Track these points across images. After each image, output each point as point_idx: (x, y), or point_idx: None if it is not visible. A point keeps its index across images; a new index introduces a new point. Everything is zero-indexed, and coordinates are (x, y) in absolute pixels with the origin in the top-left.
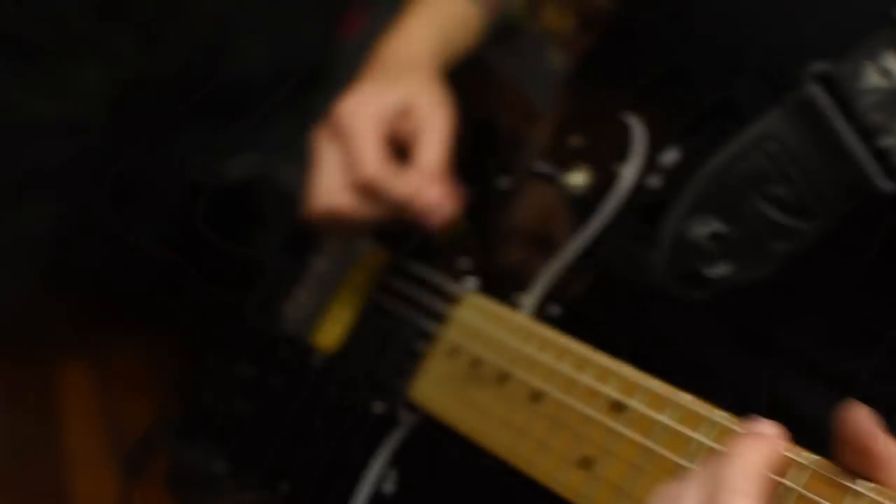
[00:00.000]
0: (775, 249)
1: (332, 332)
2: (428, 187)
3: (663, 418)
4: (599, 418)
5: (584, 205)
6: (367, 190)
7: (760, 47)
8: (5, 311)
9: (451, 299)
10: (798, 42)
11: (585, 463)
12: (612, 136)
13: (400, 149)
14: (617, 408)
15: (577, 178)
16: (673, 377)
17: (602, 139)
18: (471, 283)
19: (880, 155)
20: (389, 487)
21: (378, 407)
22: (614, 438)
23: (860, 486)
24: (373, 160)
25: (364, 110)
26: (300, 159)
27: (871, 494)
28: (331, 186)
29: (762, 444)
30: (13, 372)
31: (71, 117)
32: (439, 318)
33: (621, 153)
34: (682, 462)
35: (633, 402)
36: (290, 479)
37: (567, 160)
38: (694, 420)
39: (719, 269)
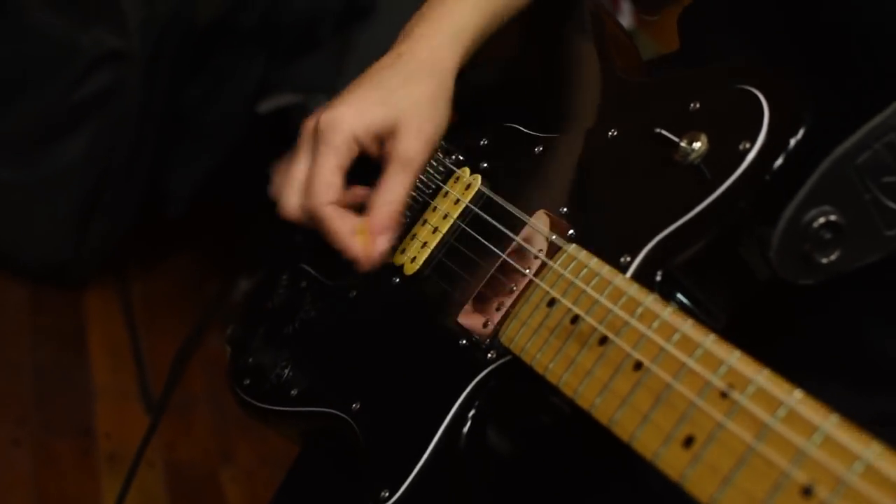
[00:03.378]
0: (886, 237)
1: (413, 254)
2: (360, 241)
3: (770, 420)
4: (707, 406)
5: (703, 174)
6: (310, 216)
7: (886, 39)
8: (44, 242)
9: (552, 248)
10: None
11: (689, 442)
12: (737, 111)
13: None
14: (726, 394)
15: (698, 145)
16: (772, 360)
17: (726, 111)
18: (573, 233)
19: None
20: (466, 427)
21: (464, 341)
22: (720, 429)
23: None
24: (325, 190)
25: (344, 127)
26: (336, 91)
27: None
28: (290, 197)
29: None
30: (43, 302)
31: (109, 48)
32: (537, 264)
33: (749, 129)
34: (788, 468)
35: (742, 398)
36: (360, 397)
37: (687, 126)
38: (804, 427)
39: (831, 256)
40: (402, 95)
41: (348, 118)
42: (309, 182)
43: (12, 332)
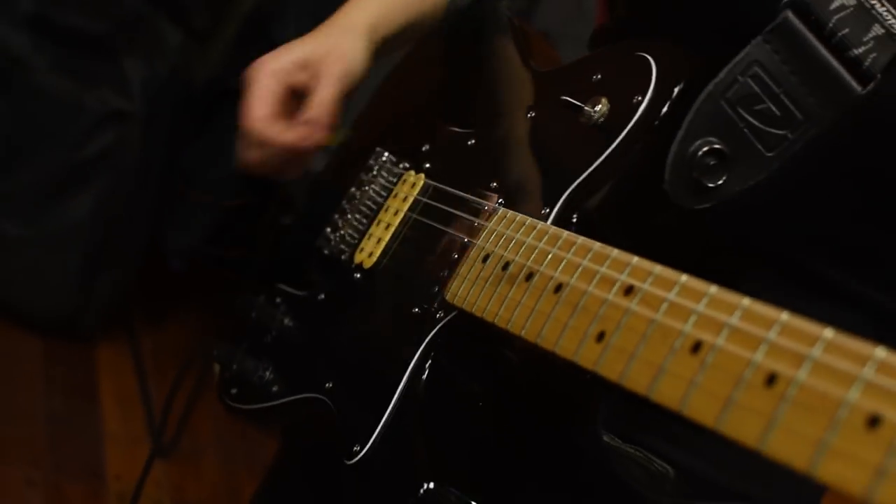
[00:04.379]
0: (766, 157)
1: (371, 250)
2: (302, 136)
3: (669, 295)
4: (615, 301)
5: (605, 129)
6: (253, 139)
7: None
8: (52, 295)
9: (485, 215)
10: None
11: (601, 336)
12: (631, 73)
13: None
14: (630, 291)
15: (600, 108)
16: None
17: (623, 77)
18: (502, 200)
19: (852, 63)
20: (424, 375)
21: (415, 309)
22: (627, 315)
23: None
24: (257, 114)
25: (265, 68)
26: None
27: None
28: (242, 144)
29: None
30: (56, 353)
31: (113, 107)
32: (473, 231)
33: (641, 85)
34: (682, 327)
35: (644, 286)
36: (331, 377)
37: (591, 94)
38: (694, 295)
39: (718, 180)
40: (322, 37)
41: (268, 59)
42: (245, 112)
43: (27, 381)
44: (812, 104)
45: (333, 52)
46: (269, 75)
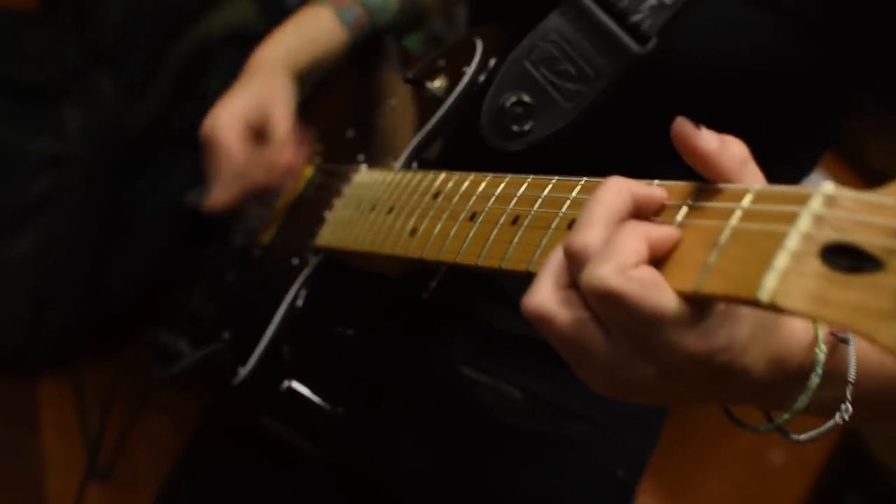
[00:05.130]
0: (567, 108)
1: (268, 230)
2: (281, 157)
3: (461, 189)
4: (427, 203)
5: (440, 98)
6: (239, 177)
7: None
8: None
9: (349, 176)
10: None
11: (414, 231)
12: (464, 52)
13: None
14: (437, 195)
15: (438, 83)
16: None
17: (458, 56)
18: (365, 165)
19: (632, 28)
20: (300, 302)
21: (294, 260)
22: (433, 208)
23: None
24: (236, 156)
25: (221, 120)
26: None
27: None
28: (220, 187)
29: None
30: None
31: (52, 154)
32: (339, 191)
33: (468, 59)
34: (465, 205)
35: (446, 188)
36: (230, 328)
37: (434, 74)
38: (476, 184)
39: (524, 126)
40: (256, 81)
41: (220, 110)
42: (222, 160)
43: None
44: (601, 63)
45: (272, 91)
46: (227, 125)
